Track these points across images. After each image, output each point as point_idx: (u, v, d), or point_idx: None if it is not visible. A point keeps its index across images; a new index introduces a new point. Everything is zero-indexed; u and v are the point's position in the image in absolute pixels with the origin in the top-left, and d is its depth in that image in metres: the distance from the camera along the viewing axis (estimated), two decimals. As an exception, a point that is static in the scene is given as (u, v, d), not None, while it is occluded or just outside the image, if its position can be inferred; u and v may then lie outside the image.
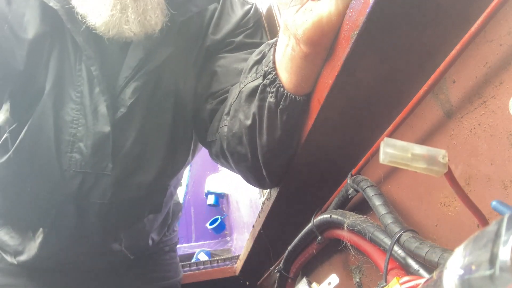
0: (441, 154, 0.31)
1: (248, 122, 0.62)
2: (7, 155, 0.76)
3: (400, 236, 0.47)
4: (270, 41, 0.62)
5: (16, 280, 0.88)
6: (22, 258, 0.86)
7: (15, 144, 0.75)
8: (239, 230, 1.94)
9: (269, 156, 0.64)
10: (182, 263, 1.42)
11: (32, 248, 0.85)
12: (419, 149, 0.31)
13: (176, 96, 0.80)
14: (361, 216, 0.57)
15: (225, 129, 0.69)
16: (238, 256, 1.47)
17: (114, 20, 0.66)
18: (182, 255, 1.86)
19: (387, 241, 0.51)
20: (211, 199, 2.20)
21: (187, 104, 0.81)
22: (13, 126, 0.76)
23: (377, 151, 0.55)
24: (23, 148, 0.75)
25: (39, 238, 0.84)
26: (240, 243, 1.86)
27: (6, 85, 0.73)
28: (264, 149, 0.63)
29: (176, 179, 1.00)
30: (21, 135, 0.75)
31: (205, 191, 2.23)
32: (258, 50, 0.64)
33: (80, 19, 0.69)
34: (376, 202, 0.54)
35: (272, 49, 0.58)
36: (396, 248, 0.49)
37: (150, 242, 0.99)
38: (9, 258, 0.88)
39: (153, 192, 0.86)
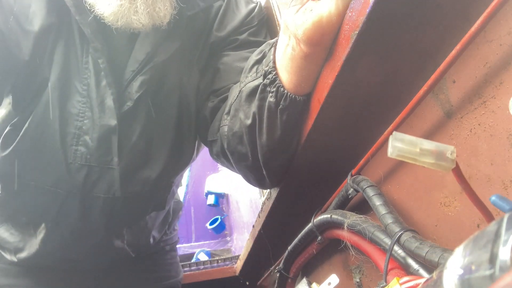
0: (449, 150, 0.31)
1: (248, 121, 0.62)
2: (10, 148, 0.76)
3: (400, 236, 0.47)
4: (271, 41, 0.62)
5: (15, 280, 0.88)
6: (23, 255, 0.85)
7: (18, 137, 0.74)
8: (239, 230, 1.94)
9: (269, 155, 0.64)
10: (182, 263, 1.42)
11: (33, 245, 0.84)
12: (428, 144, 0.32)
13: (181, 91, 0.80)
14: (361, 216, 0.57)
15: (226, 128, 0.69)
16: (238, 256, 1.47)
17: (123, 10, 0.66)
18: (182, 255, 1.86)
19: (387, 241, 0.51)
20: (211, 199, 2.20)
21: (190, 101, 0.81)
22: (15, 119, 0.76)
23: (377, 151, 0.55)
24: (27, 141, 0.75)
25: (41, 234, 0.83)
26: (240, 243, 1.86)
27: (10, 77, 0.73)
28: (264, 148, 0.63)
29: (180, 177, 1.00)
30: (24, 127, 0.74)
31: (205, 191, 2.22)
32: (258, 50, 0.64)
33: (88, 7, 0.68)
34: (376, 202, 0.54)
35: (272, 49, 0.58)
36: (396, 248, 0.49)
37: (151, 240, 0.99)
38: (8, 256, 0.87)
39: (157, 188, 0.86)
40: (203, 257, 1.80)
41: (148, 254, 1.02)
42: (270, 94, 0.57)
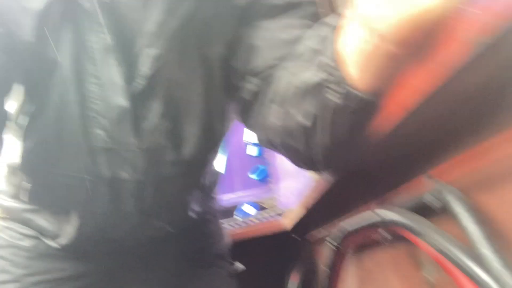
0: None
1: (307, 123, 0.51)
2: (33, 139, 0.74)
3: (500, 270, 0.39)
4: (331, 22, 0.48)
5: (62, 263, 0.89)
6: (62, 241, 0.86)
7: (40, 127, 0.73)
8: (285, 178, 1.89)
9: (329, 156, 0.55)
10: (227, 219, 1.40)
11: (69, 232, 0.85)
12: None
13: (204, 64, 0.72)
14: (445, 233, 0.48)
15: (274, 120, 0.60)
16: (286, 210, 1.44)
17: None
18: (224, 208, 1.86)
19: (482, 275, 0.42)
20: (253, 150, 2.13)
21: (215, 73, 0.74)
22: (32, 109, 0.73)
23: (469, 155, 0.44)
24: (49, 130, 0.73)
25: (75, 220, 0.83)
26: (286, 192, 1.83)
27: (15, 59, 0.68)
28: (326, 151, 0.53)
29: (214, 153, 0.94)
30: (44, 116, 0.72)
31: (245, 140, 2.15)
32: (316, 34, 0.50)
33: None
34: (466, 221, 0.45)
35: (339, 39, 0.45)
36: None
37: (191, 213, 0.97)
38: (50, 242, 0.88)
39: (191, 169, 0.82)
40: (248, 208, 1.81)
41: (189, 226, 1.00)
42: (337, 95, 0.46)
